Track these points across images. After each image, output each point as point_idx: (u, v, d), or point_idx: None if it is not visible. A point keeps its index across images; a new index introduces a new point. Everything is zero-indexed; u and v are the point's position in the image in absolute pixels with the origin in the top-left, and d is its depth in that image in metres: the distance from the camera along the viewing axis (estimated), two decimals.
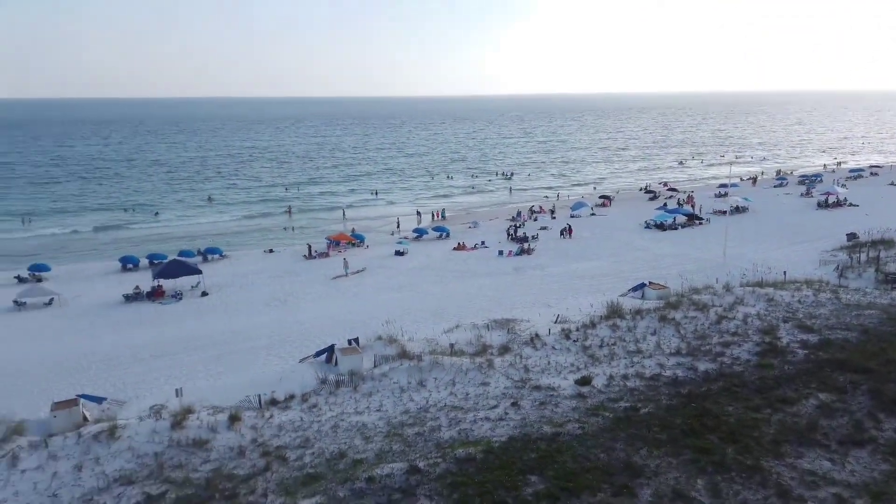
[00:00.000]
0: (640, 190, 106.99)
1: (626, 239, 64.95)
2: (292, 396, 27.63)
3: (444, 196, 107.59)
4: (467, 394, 25.07)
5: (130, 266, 58.13)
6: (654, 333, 28.99)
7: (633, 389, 22.96)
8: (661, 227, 69.68)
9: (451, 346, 30.65)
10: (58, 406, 27.60)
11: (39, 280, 53.61)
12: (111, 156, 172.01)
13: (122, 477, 23.25)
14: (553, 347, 29.15)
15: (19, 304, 46.21)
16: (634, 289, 40.15)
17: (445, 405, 24.19)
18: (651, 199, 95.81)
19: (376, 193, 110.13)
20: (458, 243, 64.69)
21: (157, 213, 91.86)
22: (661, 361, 25.62)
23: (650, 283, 40.24)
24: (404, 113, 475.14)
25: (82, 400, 28.29)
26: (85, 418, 27.32)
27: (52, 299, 47.13)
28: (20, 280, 54.10)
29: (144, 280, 51.42)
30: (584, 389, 23.35)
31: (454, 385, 26.05)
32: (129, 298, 47.51)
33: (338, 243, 65.18)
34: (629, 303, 35.89)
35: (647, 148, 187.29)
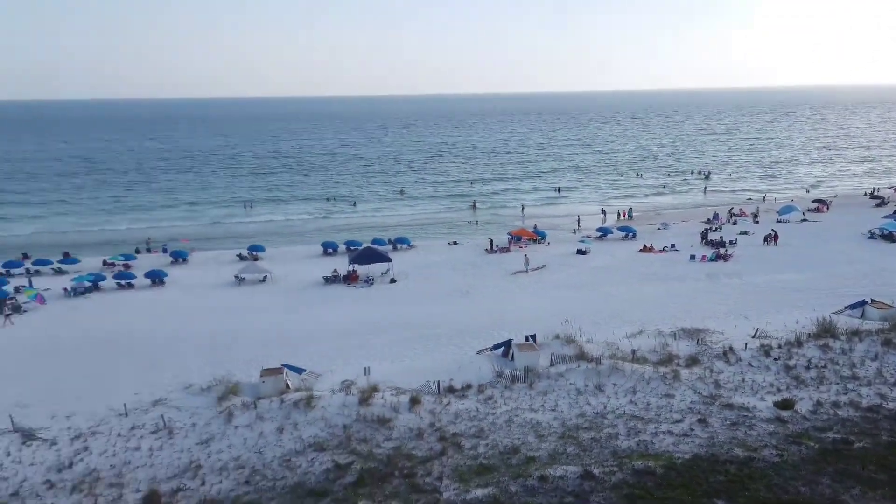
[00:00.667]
0: (865, 195, 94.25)
1: (844, 249, 57.60)
2: (469, 386, 28.20)
3: (632, 195, 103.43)
4: (648, 404, 23.82)
5: (330, 251, 63.42)
6: (874, 359, 25.37)
7: (846, 420, 20.25)
8: (889, 237, 60.81)
9: (633, 352, 29.33)
10: (266, 373, 30.89)
11: (256, 259, 60.48)
12: (318, 150, 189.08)
13: (315, 443, 25.42)
14: (749, 364, 26.70)
15: (239, 280, 52.54)
16: (853, 306, 35.46)
17: (624, 413, 23.19)
18: (878, 205, 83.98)
19: (559, 190, 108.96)
20: (645, 245, 61.79)
21: (354, 204, 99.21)
22: (882, 391, 22.35)
23: (872, 300, 35.28)
24: (613, 107, 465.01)
25: (286, 369, 31.36)
26: (287, 386, 30.25)
27: (265, 277, 52.95)
28: (241, 258, 61.49)
29: (341, 264, 55.79)
30: (785, 414, 21.06)
31: (635, 393, 24.89)
32: (327, 280, 51.89)
33: (519, 239, 65.50)
34: (845, 322, 31.78)
35: (875, 147, 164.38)
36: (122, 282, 51.91)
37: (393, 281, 51.65)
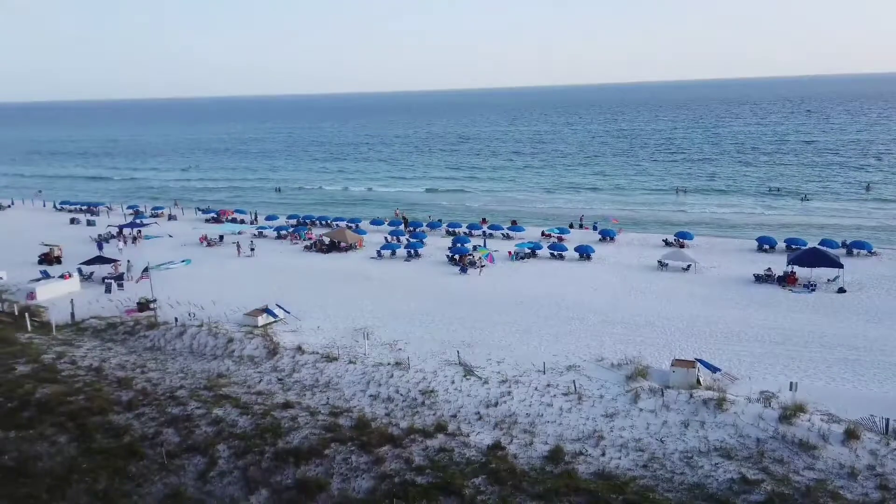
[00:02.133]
0: None
1: None
2: None
3: None
4: None
5: (766, 247, 57.65)
6: None
7: None
8: None
9: None
10: (677, 363, 29.97)
11: (682, 246, 58.98)
12: (764, 136, 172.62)
13: (722, 448, 23.70)
14: None
15: (662, 265, 52.09)
16: None
17: None
18: None
19: None
20: None
21: (804, 198, 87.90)
22: None
23: None
24: None
25: (699, 364, 29.89)
26: (698, 381, 28.82)
27: (689, 265, 51.26)
28: (666, 244, 60.84)
29: (777, 263, 50.20)
30: None
31: None
32: (758, 279, 47.35)
33: None
34: None
35: None
36: (555, 252, 56.88)
37: (842, 290, 44.12)
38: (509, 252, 57.27)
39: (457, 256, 55.34)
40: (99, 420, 26.29)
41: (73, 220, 79.22)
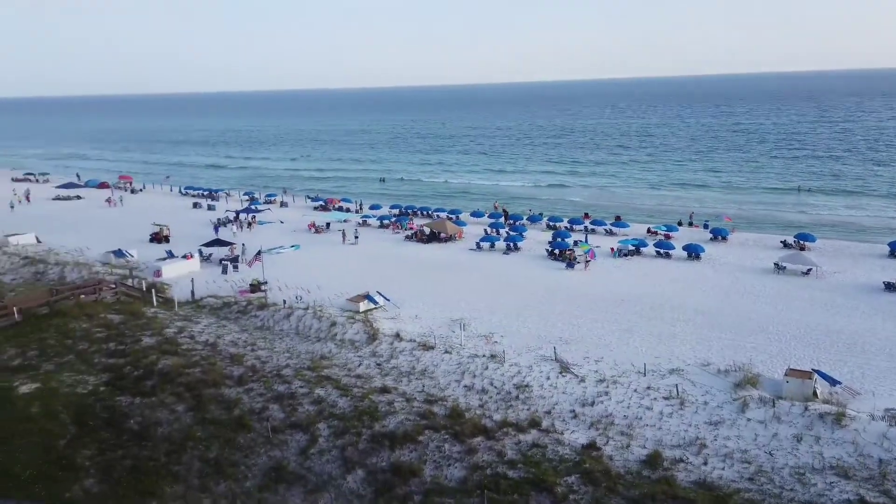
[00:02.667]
0: None
1: None
2: None
3: None
4: None
5: None
6: None
7: None
8: None
9: None
10: (792, 373, 28.08)
11: (803, 248, 55.04)
12: None
13: (838, 467, 22.03)
14: None
15: (779, 268, 48.85)
16: None
17: None
18: None
19: None
20: None
21: None
22: None
23: None
24: None
25: (816, 375, 27.88)
26: (815, 394, 26.91)
27: (810, 269, 47.77)
28: (785, 245, 56.97)
29: None
30: None
31: None
32: (889, 287, 43.40)
33: None
34: None
35: None
36: (661, 251, 54.72)
37: None
38: (612, 248, 55.75)
39: (557, 251, 54.55)
40: (212, 392, 28.11)
41: (195, 205, 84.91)
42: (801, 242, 56.69)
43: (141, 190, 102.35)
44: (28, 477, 24.16)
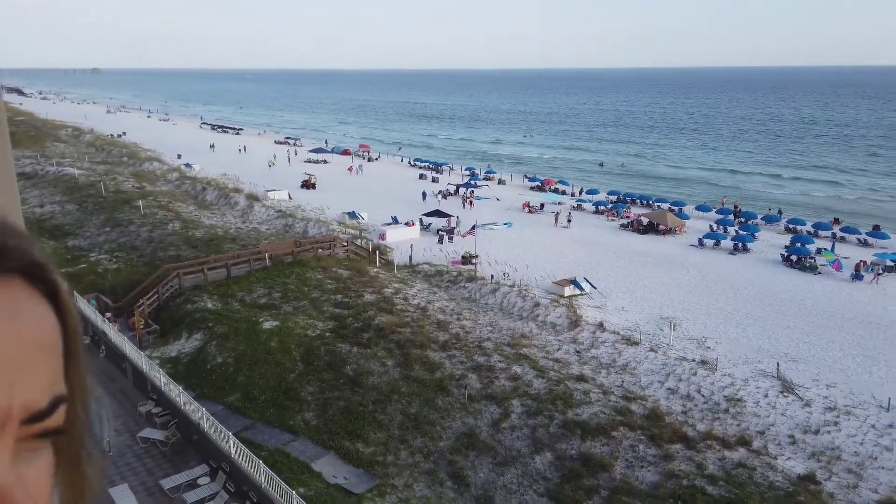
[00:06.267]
0: None
1: None
2: None
3: None
4: None
5: None
6: None
7: None
8: None
9: None
10: None
11: None
12: None
13: None
14: None
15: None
16: None
17: None
18: None
19: None
20: None
21: None
22: None
23: None
24: None
25: None
26: None
27: None
28: None
29: None
30: None
31: None
32: None
33: None
34: None
35: None
36: None
37: None
38: (864, 262, 48.42)
39: (794, 257, 48.83)
40: (419, 353, 29.98)
41: (421, 176, 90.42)
42: None
43: (377, 159, 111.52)
44: (263, 401, 28.03)
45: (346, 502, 22.13)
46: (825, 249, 51.72)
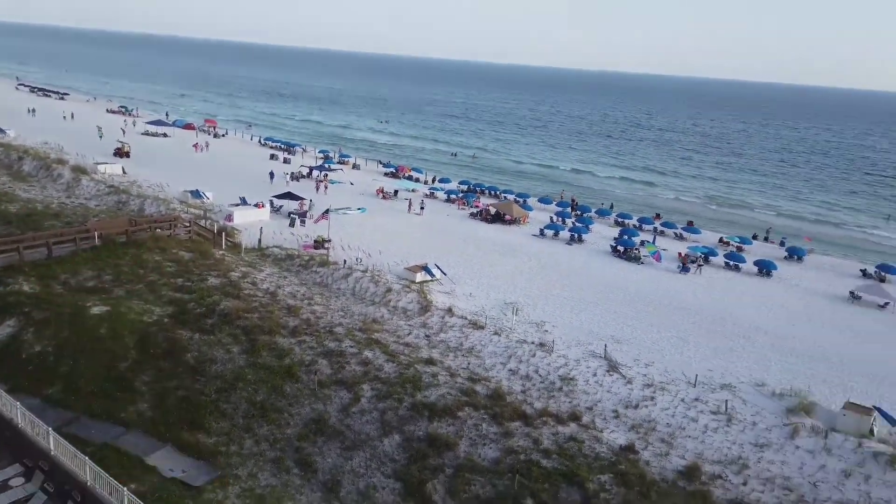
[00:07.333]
0: None
1: None
2: None
3: None
4: None
5: None
6: None
7: None
8: None
9: None
10: (851, 407, 26.87)
11: (882, 280, 52.14)
12: None
13: None
14: None
15: (854, 297, 46.47)
16: None
17: None
18: None
19: None
20: None
21: None
22: None
23: None
24: None
25: (877, 413, 26.60)
26: (872, 432, 25.70)
27: (886, 303, 45.24)
28: (864, 275, 54.05)
29: None
30: None
31: None
32: None
33: None
34: None
35: None
36: (731, 262, 52.82)
37: None
38: (679, 253, 54.21)
39: (622, 248, 53.48)
40: (267, 339, 29.17)
41: (272, 156, 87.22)
42: (882, 273, 53.65)
43: (224, 135, 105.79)
44: (89, 393, 25.83)
45: (186, 496, 21.14)
46: (647, 241, 57.17)
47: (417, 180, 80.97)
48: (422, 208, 62.73)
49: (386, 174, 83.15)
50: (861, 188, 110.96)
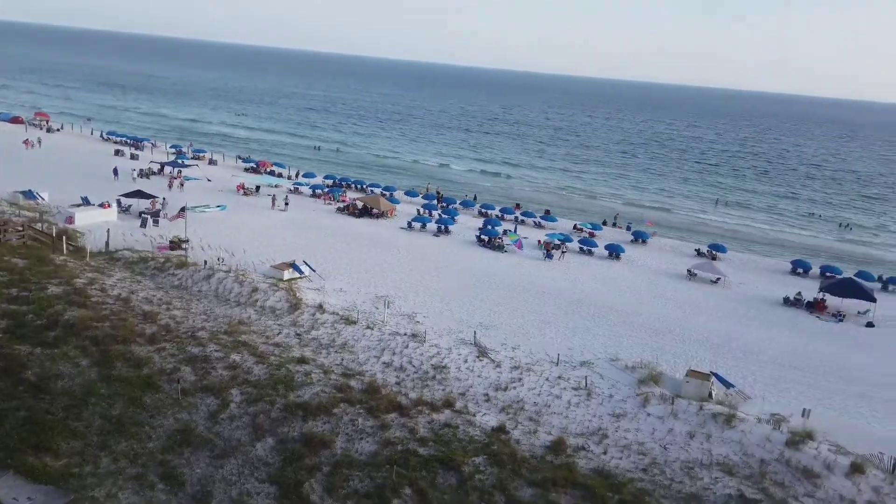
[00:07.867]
0: None
1: None
2: None
3: None
4: None
5: (800, 271, 56.56)
6: None
7: None
8: None
9: None
10: (692, 374, 29.83)
11: (714, 258, 58.16)
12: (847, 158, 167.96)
13: (724, 464, 23.65)
14: None
15: (691, 274, 51.49)
16: None
17: None
18: None
19: None
20: None
21: (846, 226, 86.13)
22: None
23: None
24: None
25: (714, 378, 29.69)
26: (711, 395, 28.67)
27: (718, 279, 50.58)
28: (698, 254, 60.03)
29: (809, 289, 49.30)
30: None
31: None
32: (787, 302, 46.59)
33: None
34: None
35: None
36: (585, 247, 56.54)
37: (870, 325, 43.25)
38: (539, 241, 57.06)
39: (486, 238, 55.35)
40: (121, 349, 27.15)
41: (117, 152, 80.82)
42: (713, 252, 59.83)
43: (59, 130, 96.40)
44: None
45: None
46: (510, 231, 59.68)
47: (280, 175, 78.63)
48: (286, 204, 61.07)
49: (246, 169, 79.96)
50: (692, 176, 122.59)
